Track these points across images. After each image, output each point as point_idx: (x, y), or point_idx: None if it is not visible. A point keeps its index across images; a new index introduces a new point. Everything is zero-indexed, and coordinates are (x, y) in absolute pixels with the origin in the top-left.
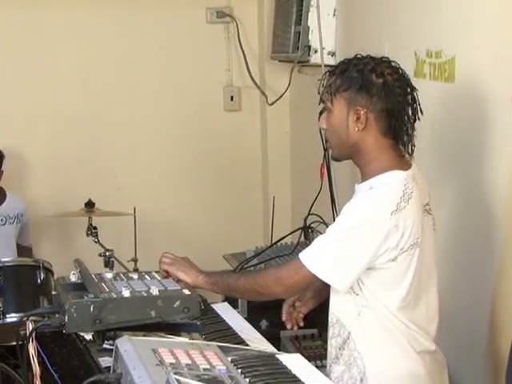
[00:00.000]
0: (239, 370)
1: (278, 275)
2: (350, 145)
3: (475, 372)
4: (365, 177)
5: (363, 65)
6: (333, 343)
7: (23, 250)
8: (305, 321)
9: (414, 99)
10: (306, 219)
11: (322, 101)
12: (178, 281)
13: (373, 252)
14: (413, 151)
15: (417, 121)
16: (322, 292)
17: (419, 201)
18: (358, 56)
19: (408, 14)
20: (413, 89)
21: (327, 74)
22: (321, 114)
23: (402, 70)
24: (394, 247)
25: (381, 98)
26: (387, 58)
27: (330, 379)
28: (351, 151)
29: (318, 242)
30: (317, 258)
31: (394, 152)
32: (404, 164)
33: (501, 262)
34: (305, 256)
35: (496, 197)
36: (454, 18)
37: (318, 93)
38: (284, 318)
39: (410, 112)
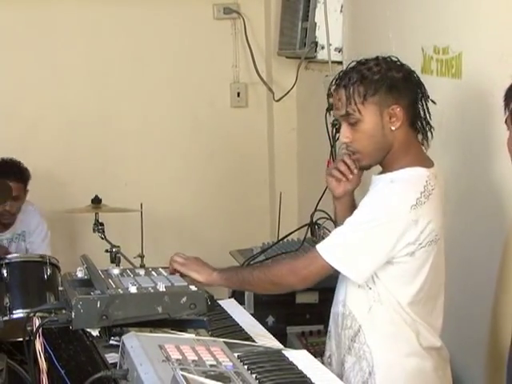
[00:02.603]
0: (246, 366)
1: (293, 265)
2: (387, 146)
3: (478, 367)
4: (386, 169)
5: (376, 66)
6: (346, 334)
7: None
8: (311, 317)
9: (422, 85)
10: (312, 215)
11: (346, 115)
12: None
13: (391, 245)
14: (432, 135)
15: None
16: None
17: (440, 199)
18: (358, 62)
19: (415, 9)
20: (415, 74)
21: (336, 88)
22: (327, 110)
23: (400, 60)
24: (412, 242)
25: (407, 92)
26: (381, 55)
27: (344, 369)
28: (386, 152)
29: (336, 234)
30: (334, 249)
31: (418, 146)
32: (427, 161)
33: (506, 258)
34: (322, 246)
35: (503, 192)
36: (461, 13)
37: (331, 108)
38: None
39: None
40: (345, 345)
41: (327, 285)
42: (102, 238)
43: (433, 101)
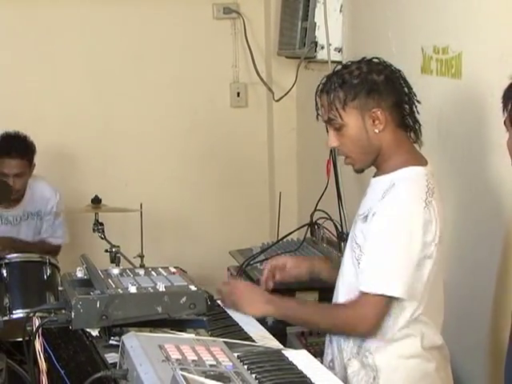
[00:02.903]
0: (245, 366)
1: (359, 315)
2: (374, 149)
3: (478, 367)
4: (382, 171)
5: (357, 70)
6: (350, 340)
7: (47, 247)
8: None
9: (406, 83)
10: (312, 215)
11: (329, 121)
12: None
13: (419, 250)
14: (421, 133)
15: (416, 104)
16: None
17: (440, 196)
18: (342, 66)
19: (415, 9)
20: (400, 75)
21: (320, 94)
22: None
23: (385, 61)
24: (429, 242)
25: (389, 93)
26: (365, 57)
27: (346, 372)
28: (375, 155)
29: (370, 264)
30: (379, 280)
31: (409, 144)
32: (422, 159)
33: (505, 257)
34: (371, 286)
35: (502, 192)
36: (461, 13)
37: (317, 117)
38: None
39: (408, 97)
40: (352, 349)
41: (327, 285)
42: (102, 238)
43: (418, 100)
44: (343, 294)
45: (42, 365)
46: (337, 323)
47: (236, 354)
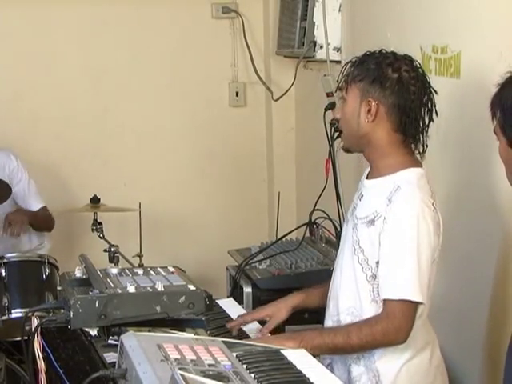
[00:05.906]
0: (244, 366)
1: (395, 326)
2: (360, 136)
3: (476, 367)
4: (380, 172)
5: (382, 58)
6: None
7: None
8: (309, 316)
9: (430, 101)
10: (311, 215)
11: (339, 89)
12: None
13: (432, 252)
14: (424, 151)
15: (431, 123)
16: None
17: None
18: (382, 51)
19: (414, 9)
20: (430, 91)
21: (349, 64)
22: (326, 110)
23: (422, 70)
24: (437, 245)
25: (393, 93)
26: (410, 56)
27: (350, 378)
28: (361, 142)
29: (393, 273)
30: (408, 288)
31: (405, 149)
32: (417, 162)
33: (504, 256)
34: (396, 293)
35: (501, 193)
36: (460, 13)
37: (337, 81)
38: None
39: (424, 112)
40: (352, 354)
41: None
42: (101, 238)
43: (436, 113)
44: (344, 298)
45: (41, 364)
46: (377, 338)
47: (235, 354)
